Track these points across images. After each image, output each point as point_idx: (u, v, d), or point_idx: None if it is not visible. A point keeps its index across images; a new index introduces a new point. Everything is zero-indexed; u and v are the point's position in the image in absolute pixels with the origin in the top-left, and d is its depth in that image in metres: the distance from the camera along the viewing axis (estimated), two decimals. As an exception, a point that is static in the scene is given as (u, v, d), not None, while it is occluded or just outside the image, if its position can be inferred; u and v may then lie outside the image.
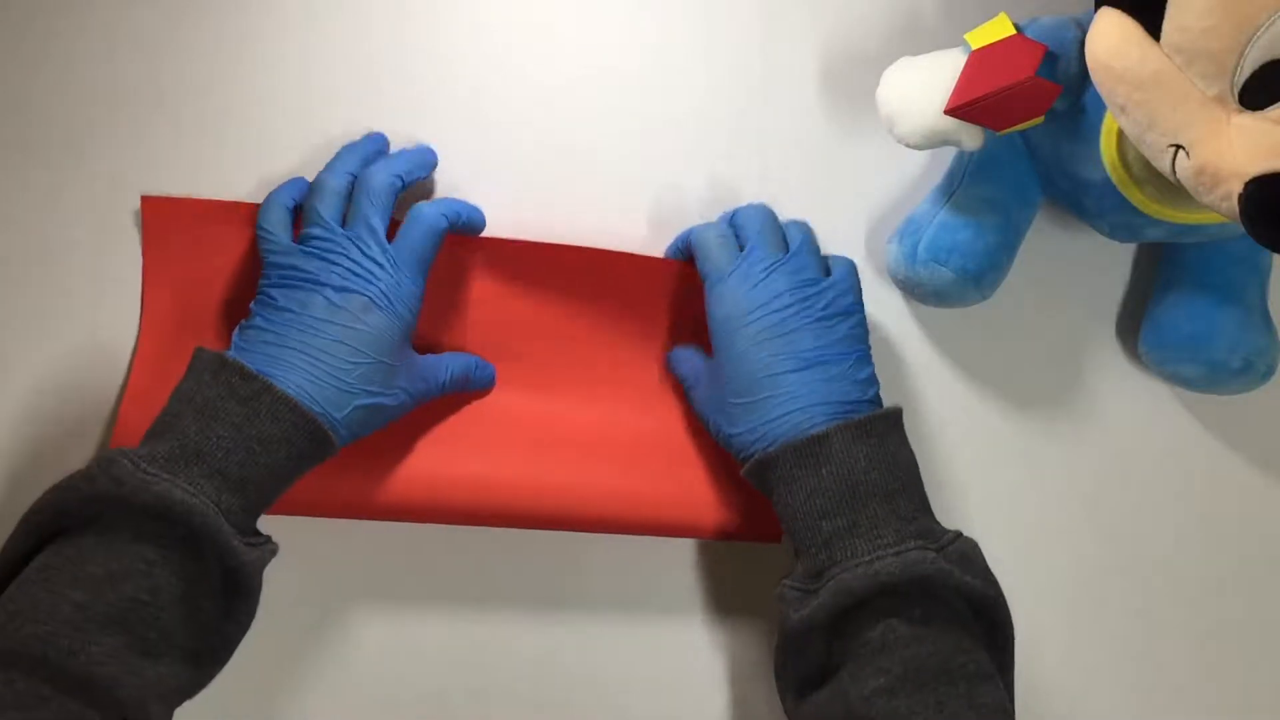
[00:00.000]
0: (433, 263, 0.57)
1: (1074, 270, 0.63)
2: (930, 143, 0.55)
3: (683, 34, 0.64)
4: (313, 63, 0.62)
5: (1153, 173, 0.52)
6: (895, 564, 0.49)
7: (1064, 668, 0.53)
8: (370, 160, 0.59)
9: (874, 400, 0.55)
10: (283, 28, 0.62)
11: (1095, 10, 0.48)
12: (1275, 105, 0.43)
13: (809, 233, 0.58)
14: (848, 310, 0.55)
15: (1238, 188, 0.44)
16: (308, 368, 0.52)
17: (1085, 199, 0.57)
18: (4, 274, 0.60)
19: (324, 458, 0.53)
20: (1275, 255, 0.59)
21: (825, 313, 0.55)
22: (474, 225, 0.59)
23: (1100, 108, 0.53)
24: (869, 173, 0.63)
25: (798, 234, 0.57)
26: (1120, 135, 0.53)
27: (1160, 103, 0.46)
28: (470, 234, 0.60)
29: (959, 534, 0.52)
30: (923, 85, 0.54)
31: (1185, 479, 0.63)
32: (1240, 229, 0.45)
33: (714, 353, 0.56)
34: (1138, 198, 0.54)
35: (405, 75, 0.62)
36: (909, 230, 0.60)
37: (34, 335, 0.60)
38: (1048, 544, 0.62)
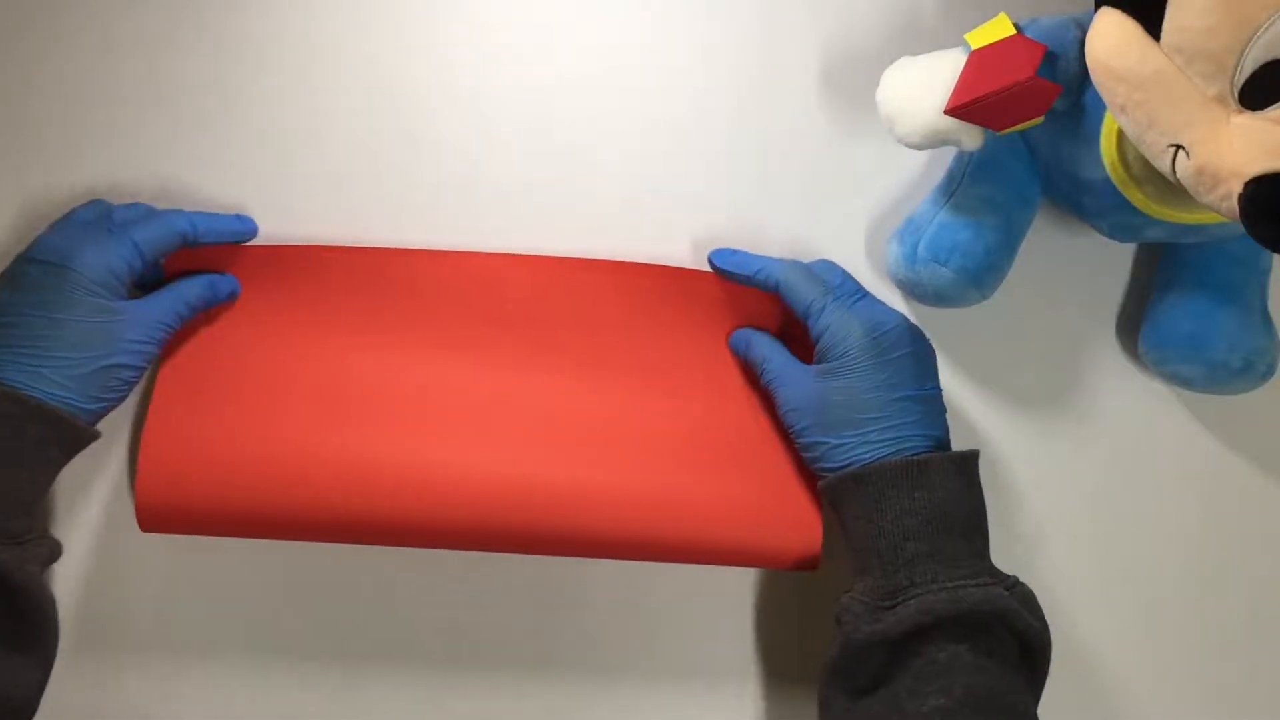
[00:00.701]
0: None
1: (1074, 270, 0.63)
2: (930, 143, 0.55)
3: (682, 34, 0.63)
4: (313, 63, 0.62)
5: (1153, 173, 0.52)
6: (978, 595, 0.51)
7: (1064, 667, 0.54)
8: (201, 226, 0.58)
9: (949, 439, 0.56)
10: (283, 28, 0.62)
11: (1095, 10, 0.48)
12: (1275, 105, 0.43)
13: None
14: (929, 350, 0.57)
15: (1237, 188, 0.44)
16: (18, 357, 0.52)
17: (1085, 199, 0.57)
18: (4, 274, 0.60)
19: (81, 440, 0.53)
20: (1275, 255, 0.59)
21: (915, 346, 0.56)
22: (226, 237, 0.59)
23: (1100, 108, 0.53)
24: (869, 173, 0.63)
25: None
26: (1120, 135, 0.53)
27: (1160, 103, 0.46)
28: (227, 242, 0.59)
29: (1018, 579, 0.53)
30: (923, 85, 0.54)
31: (1185, 479, 0.63)
32: (1240, 229, 0.45)
33: (823, 362, 0.56)
34: (1138, 198, 0.54)
35: (405, 75, 0.62)
36: (909, 230, 0.60)
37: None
38: (1048, 544, 0.62)
